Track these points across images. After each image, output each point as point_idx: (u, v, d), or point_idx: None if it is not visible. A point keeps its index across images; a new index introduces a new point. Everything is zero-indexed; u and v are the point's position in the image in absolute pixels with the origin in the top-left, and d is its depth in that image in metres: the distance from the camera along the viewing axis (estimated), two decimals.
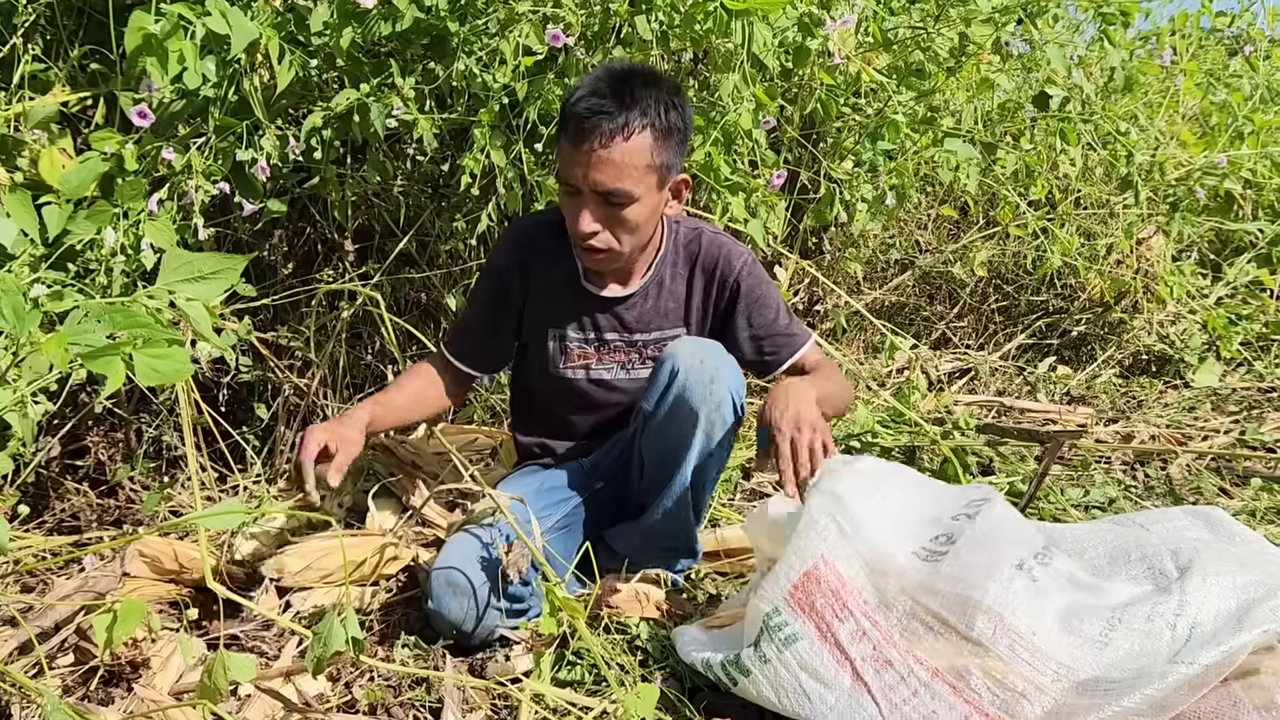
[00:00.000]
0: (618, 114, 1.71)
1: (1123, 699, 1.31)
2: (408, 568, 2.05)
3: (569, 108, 1.75)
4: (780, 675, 1.43)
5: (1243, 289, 3.80)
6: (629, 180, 1.74)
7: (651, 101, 1.74)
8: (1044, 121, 3.19)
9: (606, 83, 1.74)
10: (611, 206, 1.77)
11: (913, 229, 3.71)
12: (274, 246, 2.70)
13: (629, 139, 1.72)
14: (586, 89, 1.75)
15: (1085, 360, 3.73)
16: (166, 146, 2.08)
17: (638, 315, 1.97)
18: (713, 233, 2.00)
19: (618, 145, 1.72)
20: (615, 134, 1.71)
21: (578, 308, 1.97)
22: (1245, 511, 2.44)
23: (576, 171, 1.75)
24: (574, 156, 1.74)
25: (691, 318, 2.00)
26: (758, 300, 1.97)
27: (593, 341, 1.99)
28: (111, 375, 1.08)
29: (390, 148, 2.54)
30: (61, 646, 1.66)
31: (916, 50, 2.88)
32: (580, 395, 2.02)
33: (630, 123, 1.72)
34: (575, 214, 1.79)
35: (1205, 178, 3.55)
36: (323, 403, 2.67)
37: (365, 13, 2.14)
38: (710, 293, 1.98)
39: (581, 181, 1.75)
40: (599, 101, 1.72)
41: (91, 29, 2.18)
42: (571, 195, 1.79)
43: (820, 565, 1.45)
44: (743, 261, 1.96)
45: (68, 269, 1.99)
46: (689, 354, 1.80)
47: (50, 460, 2.36)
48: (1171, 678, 1.31)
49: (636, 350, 2.00)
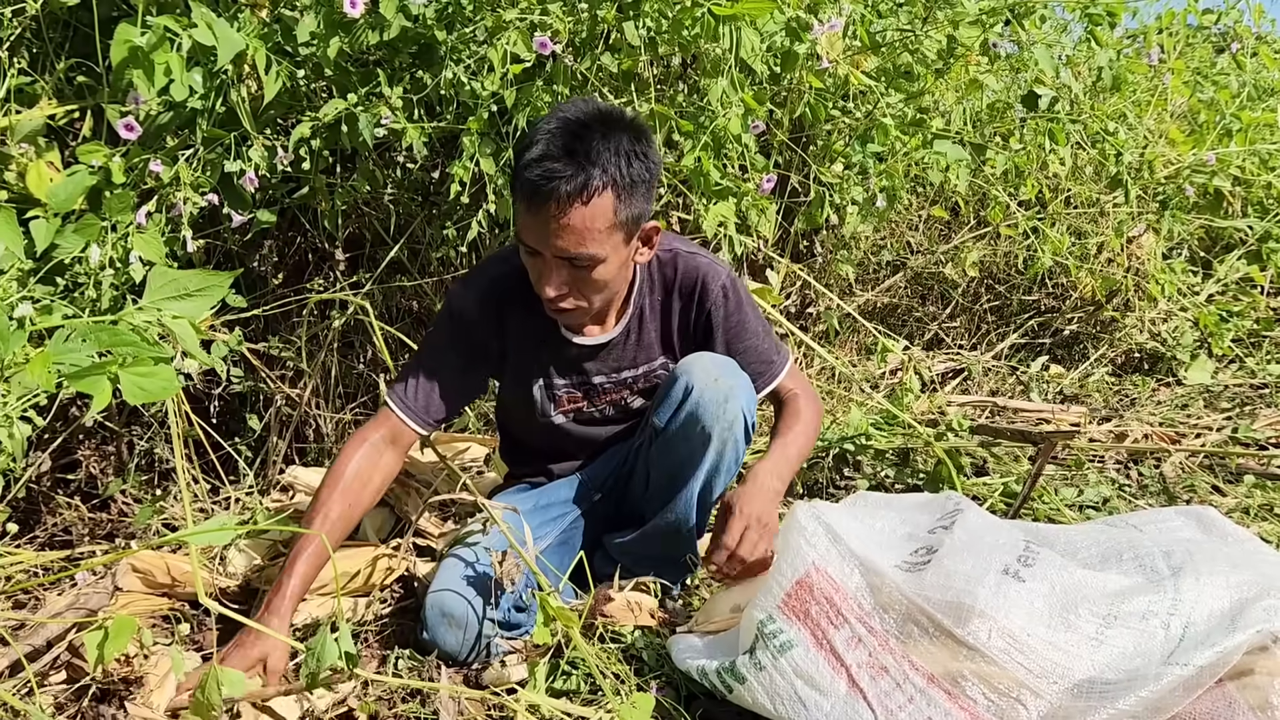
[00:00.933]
0: (574, 176, 1.57)
1: (1118, 701, 1.31)
2: (402, 578, 2.04)
3: (521, 169, 1.60)
4: (776, 682, 1.43)
5: (1233, 286, 3.81)
6: (593, 244, 1.62)
7: (611, 155, 1.60)
8: (1033, 121, 3.20)
9: (560, 139, 1.59)
10: (577, 269, 1.66)
11: (904, 230, 3.71)
12: (264, 257, 2.69)
13: (588, 202, 1.59)
14: (539, 148, 1.59)
15: (1078, 359, 3.73)
16: (154, 159, 2.07)
17: (622, 354, 1.90)
18: (688, 254, 1.88)
19: (577, 210, 1.58)
20: (574, 198, 1.57)
21: (560, 356, 1.89)
22: (1239, 509, 2.45)
23: (534, 238, 1.63)
24: (531, 223, 1.62)
25: (674, 342, 1.92)
26: (736, 325, 1.88)
27: (581, 385, 1.92)
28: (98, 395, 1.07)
29: (380, 156, 2.54)
30: (54, 664, 1.65)
31: (905, 53, 2.88)
32: (574, 434, 1.99)
33: (589, 184, 1.58)
34: (539, 277, 1.68)
35: (1194, 175, 3.56)
36: (315, 413, 2.67)
37: (352, 22, 2.14)
38: (688, 315, 1.89)
39: (543, 248, 1.63)
40: (552, 166, 1.57)
41: (78, 41, 2.18)
42: (532, 255, 1.67)
43: (812, 572, 1.45)
44: (720, 284, 1.85)
45: (56, 283, 1.98)
46: (703, 371, 1.77)
47: (41, 475, 2.35)
48: (1166, 679, 1.31)
49: (627, 387, 1.94)
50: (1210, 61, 4.19)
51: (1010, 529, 1.62)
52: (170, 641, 1.75)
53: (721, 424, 1.76)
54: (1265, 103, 3.93)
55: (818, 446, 2.62)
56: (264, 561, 2.05)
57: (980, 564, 1.46)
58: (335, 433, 2.72)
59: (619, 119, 1.66)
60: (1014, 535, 1.57)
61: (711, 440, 1.77)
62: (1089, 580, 1.48)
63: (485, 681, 1.64)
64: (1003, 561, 1.47)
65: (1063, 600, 1.43)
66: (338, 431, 2.72)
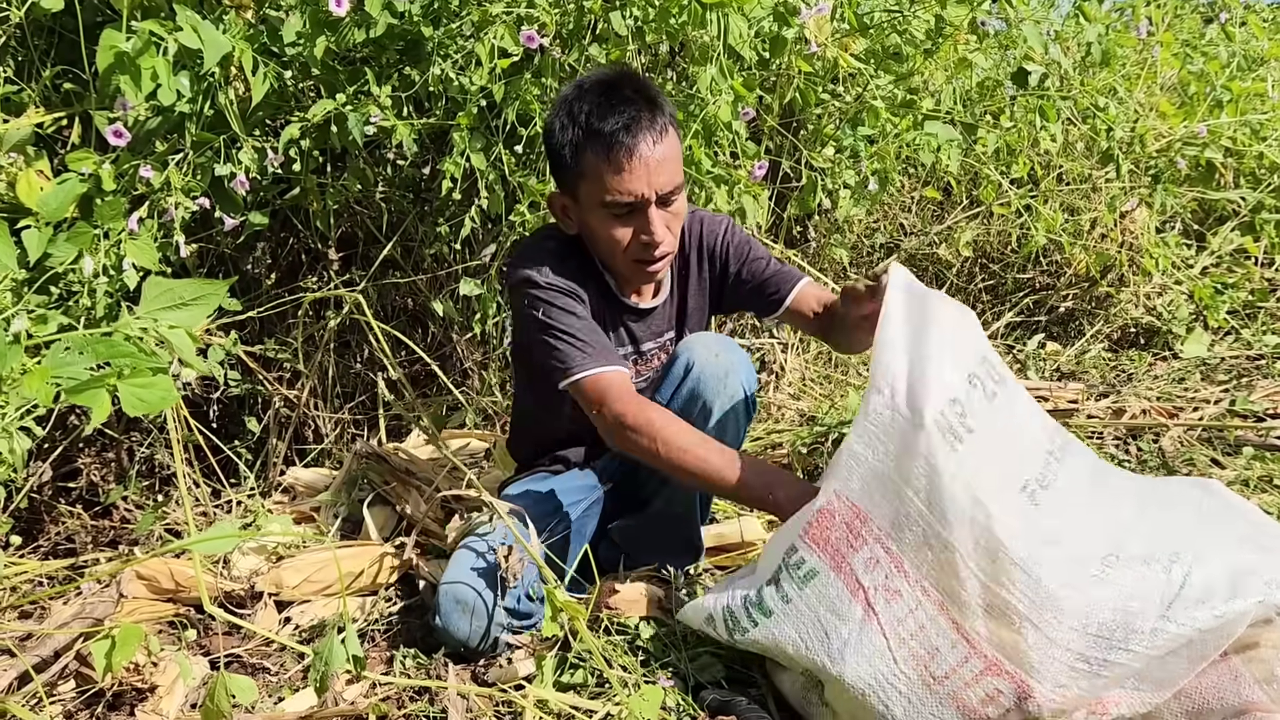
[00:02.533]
0: (653, 115, 1.72)
1: (1116, 650, 1.32)
2: (407, 576, 2.05)
3: (603, 131, 1.69)
4: (801, 613, 1.45)
5: (1227, 257, 3.81)
6: (679, 172, 1.77)
7: (653, 94, 1.76)
8: (1023, 99, 3.19)
9: (623, 91, 1.73)
10: (668, 206, 1.77)
11: (897, 212, 3.70)
12: (257, 259, 2.69)
13: (667, 132, 1.74)
14: (609, 107, 1.70)
15: (1074, 336, 3.73)
16: (144, 164, 2.07)
17: (667, 315, 1.98)
18: (688, 213, 1.95)
19: (666, 141, 1.72)
20: (661, 133, 1.72)
21: (617, 323, 1.93)
22: (1238, 481, 2.45)
23: (638, 185, 1.70)
24: (632, 171, 1.70)
25: (689, 302, 1.98)
26: (747, 255, 1.97)
27: (631, 355, 1.96)
28: (97, 408, 1.07)
29: (370, 154, 2.53)
30: (62, 673, 1.65)
31: (893, 34, 2.87)
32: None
33: (661, 118, 1.73)
34: (645, 229, 1.74)
35: (1186, 148, 3.55)
36: (313, 413, 2.67)
37: (338, 21, 2.13)
38: (702, 266, 1.98)
39: (647, 191, 1.71)
40: (633, 111, 1.70)
41: (63, 48, 2.17)
42: (626, 215, 1.74)
43: (833, 500, 1.45)
44: (723, 227, 1.98)
45: (50, 293, 1.98)
46: (704, 348, 1.80)
47: (42, 484, 2.35)
48: (1164, 636, 1.32)
49: (665, 351, 1.99)
50: (1199, 32, 4.18)
51: (1039, 427, 1.56)
52: (177, 647, 1.76)
53: (722, 399, 1.78)
54: (1255, 72, 3.91)
55: (816, 431, 2.63)
56: (268, 564, 2.06)
57: (1004, 475, 1.44)
58: (334, 433, 2.72)
59: (635, 72, 1.89)
60: (1039, 440, 1.53)
61: (713, 416, 1.78)
62: (1099, 513, 1.49)
63: (492, 679, 1.65)
64: (1023, 477, 1.46)
65: (1071, 532, 1.44)
66: (337, 432, 2.72)
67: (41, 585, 2.08)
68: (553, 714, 1.47)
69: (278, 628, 1.90)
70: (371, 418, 2.76)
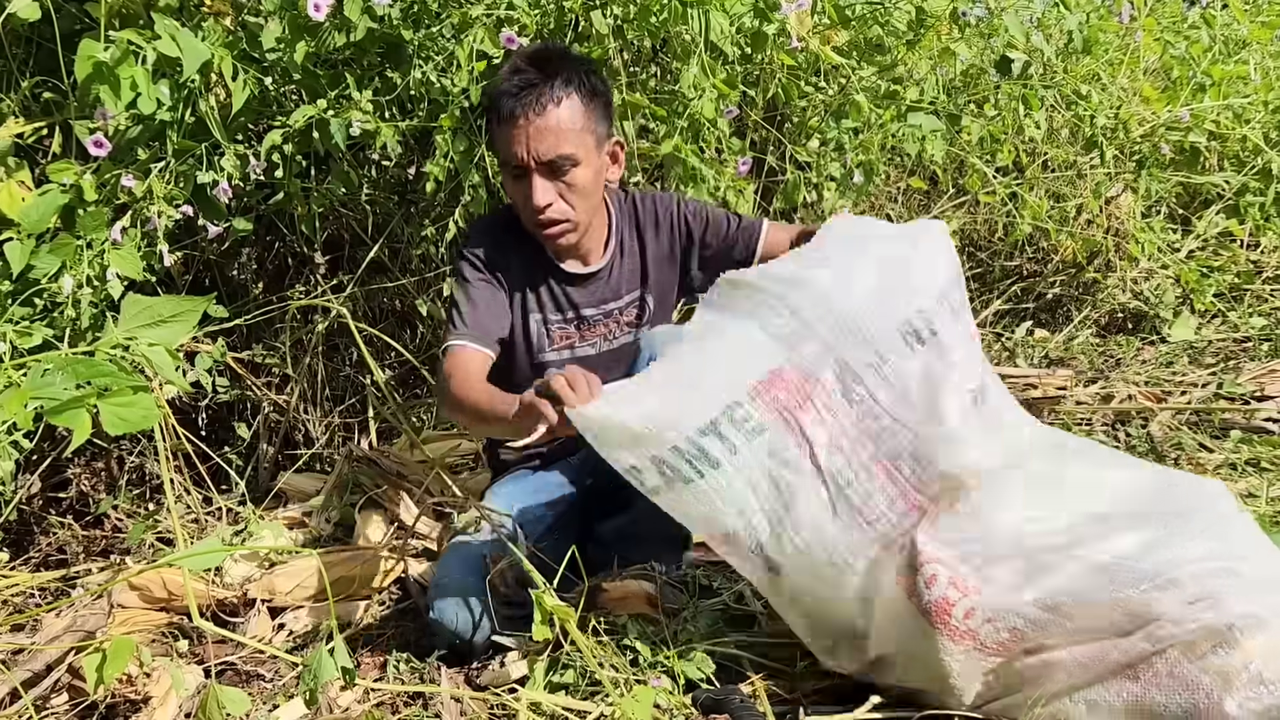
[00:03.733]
0: (544, 84, 1.79)
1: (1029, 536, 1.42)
2: (399, 580, 2.05)
3: (496, 93, 1.82)
4: (750, 466, 1.47)
5: (1213, 241, 3.82)
6: (569, 144, 1.81)
7: (571, 70, 1.83)
8: (1007, 87, 3.19)
9: (525, 60, 1.83)
10: (558, 175, 1.83)
11: (883, 203, 3.70)
12: (243, 265, 2.68)
13: (559, 104, 1.79)
14: (507, 71, 1.83)
15: (1062, 322, 3.74)
16: (126, 174, 2.06)
17: (607, 285, 2.02)
18: (640, 194, 2.09)
19: (551, 112, 1.79)
20: (547, 102, 1.78)
21: (553, 289, 2.00)
22: (1225, 464, 2.47)
23: (517, 150, 1.80)
24: (512, 134, 1.80)
25: (649, 273, 2.05)
26: (708, 221, 2.05)
27: (572, 321, 2.02)
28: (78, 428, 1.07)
29: (354, 156, 2.52)
30: (55, 687, 1.65)
31: (875, 25, 2.87)
32: None
33: (556, 89, 1.79)
34: (527, 193, 1.84)
35: (1169, 133, 3.56)
36: (303, 418, 2.67)
37: (317, 26, 2.12)
38: (662, 240, 2.05)
39: (526, 155, 1.80)
40: (524, 76, 1.79)
41: (42, 58, 2.16)
42: (518, 177, 1.84)
43: (785, 369, 1.51)
44: (676, 200, 2.06)
45: (34, 304, 1.97)
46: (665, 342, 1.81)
47: (31, 496, 2.35)
48: (1079, 555, 1.37)
49: (613, 319, 2.04)
50: (1181, 17, 4.18)
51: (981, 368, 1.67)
52: (170, 657, 1.76)
53: None
54: (1237, 56, 3.92)
55: None
56: (261, 571, 2.06)
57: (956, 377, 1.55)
58: (325, 437, 2.72)
59: (565, 50, 1.94)
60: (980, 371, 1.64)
61: None
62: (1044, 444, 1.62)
63: (485, 682, 1.65)
64: (970, 385, 1.56)
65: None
66: (327, 435, 2.72)
67: (33, 597, 2.08)
68: (546, 716, 1.48)
69: (271, 634, 1.90)
70: (362, 421, 2.76)
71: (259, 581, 1.99)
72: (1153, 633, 1.31)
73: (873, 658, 1.52)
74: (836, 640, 1.56)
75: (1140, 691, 1.31)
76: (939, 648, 1.38)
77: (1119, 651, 1.32)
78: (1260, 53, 3.98)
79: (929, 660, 1.41)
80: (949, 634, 1.37)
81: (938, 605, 1.37)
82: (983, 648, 1.37)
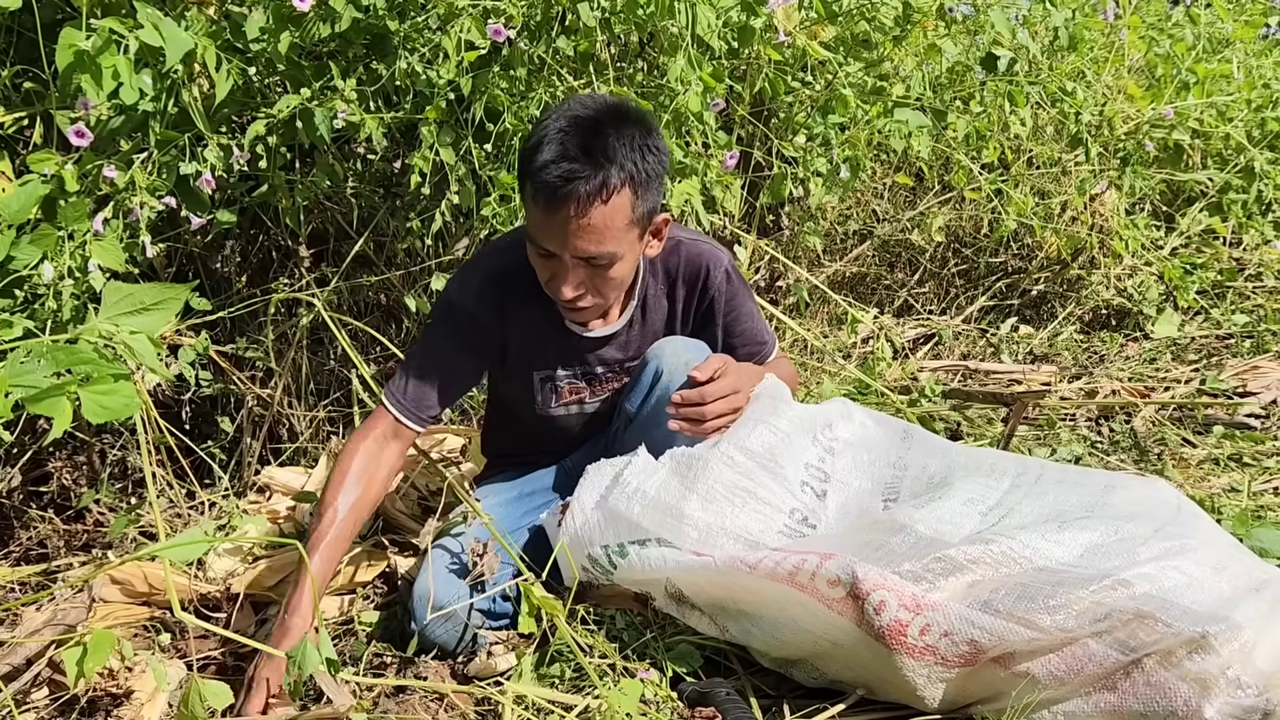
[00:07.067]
0: (593, 176, 1.56)
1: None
2: (384, 574, 2.04)
3: (535, 172, 1.58)
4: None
5: (1196, 238, 3.85)
6: (612, 243, 1.62)
7: (626, 150, 1.59)
8: (993, 84, 3.20)
9: (575, 138, 1.57)
10: (595, 269, 1.65)
11: (869, 199, 3.71)
12: (227, 257, 2.66)
13: (608, 201, 1.58)
14: (554, 148, 1.57)
15: (1046, 318, 3.76)
16: (108, 164, 2.04)
17: (626, 343, 1.90)
18: (690, 241, 1.89)
19: (597, 210, 1.57)
20: (594, 198, 1.56)
21: (563, 346, 1.88)
22: (1209, 459, 2.48)
23: (551, 243, 1.62)
24: (549, 225, 1.60)
25: (675, 329, 1.93)
26: (735, 310, 1.92)
27: (583, 377, 1.91)
28: (58, 416, 1.06)
29: (339, 149, 2.51)
30: (35, 681, 1.64)
31: (861, 21, 2.88)
32: (572, 427, 1.98)
33: (608, 183, 1.57)
34: (554, 278, 1.67)
35: (1153, 130, 3.58)
36: (287, 412, 2.65)
37: (302, 16, 2.10)
38: (691, 302, 1.90)
39: (560, 250, 1.62)
40: (570, 167, 1.55)
41: (22, 47, 2.13)
42: (548, 257, 1.66)
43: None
44: (723, 270, 1.88)
45: (15, 296, 1.95)
46: (673, 354, 1.78)
47: (12, 489, 2.32)
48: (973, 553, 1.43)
49: (628, 373, 1.92)
50: (1165, 15, 4.20)
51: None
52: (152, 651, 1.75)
53: None
54: (1220, 54, 3.95)
55: None
56: (244, 565, 2.04)
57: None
58: (309, 431, 2.70)
59: (628, 112, 1.65)
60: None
61: None
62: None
63: (471, 674, 1.65)
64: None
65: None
66: (312, 429, 2.70)
67: (13, 591, 2.06)
68: (532, 709, 1.47)
69: (253, 629, 1.89)
70: (346, 415, 2.75)
71: (242, 576, 1.98)
72: (1123, 641, 1.32)
73: (833, 676, 1.53)
74: (794, 661, 1.58)
75: (1118, 701, 1.32)
76: (900, 665, 1.40)
77: (1094, 664, 1.33)
78: (1243, 51, 4.01)
79: (894, 678, 1.42)
80: (908, 652, 1.39)
81: (891, 629, 1.39)
82: (945, 661, 1.38)
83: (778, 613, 1.52)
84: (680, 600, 1.64)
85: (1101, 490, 1.60)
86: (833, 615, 1.44)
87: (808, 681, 1.56)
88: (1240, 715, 1.26)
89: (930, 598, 1.40)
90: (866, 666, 1.47)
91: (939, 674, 1.39)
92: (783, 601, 1.49)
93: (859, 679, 1.50)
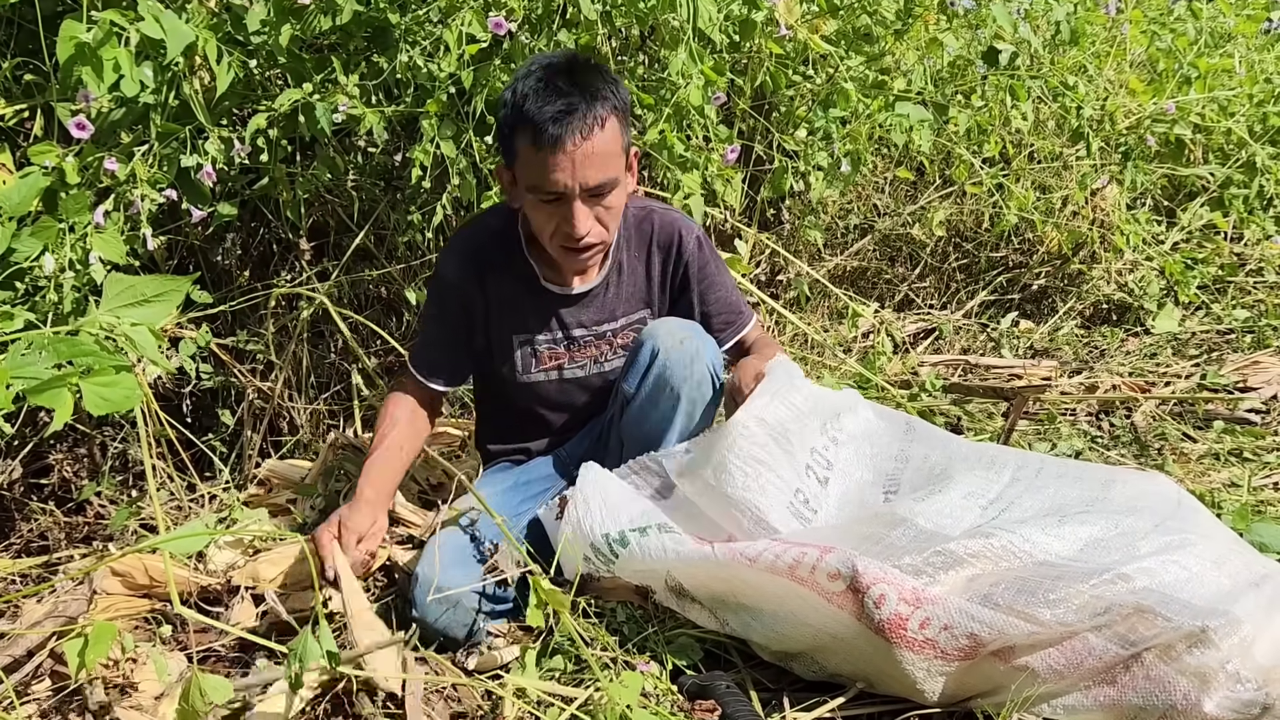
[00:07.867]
0: (589, 105, 1.69)
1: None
2: (385, 566, 2.04)
3: (533, 116, 1.69)
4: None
5: (1197, 233, 3.84)
6: (612, 168, 1.74)
7: (603, 84, 1.74)
8: (994, 78, 3.20)
9: (562, 78, 1.71)
10: (598, 199, 1.75)
11: (870, 193, 3.71)
12: (228, 250, 2.66)
13: (604, 126, 1.71)
14: (543, 92, 1.69)
15: (1047, 313, 3.76)
16: (109, 156, 2.04)
17: (602, 305, 1.96)
18: (663, 210, 2.00)
19: (598, 135, 1.70)
20: (593, 125, 1.69)
21: (541, 309, 1.95)
22: (1209, 454, 2.48)
23: (560, 177, 1.70)
24: (555, 162, 1.69)
25: (653, 297, 2.00)
26: (710, 278, 1.99)
27: (562, 341, 1.97)
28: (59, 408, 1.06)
29: (340, 142, 2.51)
30: (36, 672, 1.64)
31: (863, 15, 2.87)
32: (553, 397, 2.01)
33: (603, 109, 1.70)
34: (568, 219, 1.75)
35: (1155, 125, 3.57)
36: (288, 405, 2.65)
37: (303, 8, 2.10)
38: (667, 269, 1.98)
39: (571, 183, 1.71)
40: (568, 100, 1.68)
41: (22, 39, 2.13)
42: (553, 202, 1.75)
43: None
44: (695, 237, 1.97)
45: (16, 288, 1.95)
46: (668, 334, 1.82)
47: (12, 482, 2.32)
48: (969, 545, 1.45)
49: (605, 341, 1.98)
50: (1167, 9, 4.19)
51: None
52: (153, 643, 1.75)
53: (690, 384, 1.80)
54: (1222, 49, 3.94)
55: None
56: (244, 558, 2.04)
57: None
58: (309, 424, 2.70)
59: (589, 58, 1.88)
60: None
61: (681, 401, 1.81)
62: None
63: (473, 666, 1.65)
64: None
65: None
66: (312, 423, 2.70)
67: (14, 584, 2.06)
68: (533, 702, 1.48)
69: (255, 621, 1.89)
70: (347, 408, 2.75)
71: (242, 568, 1.98)
72: (1123, 636, 1.32)
73: (832, 670, 1.53)
74: (794, 654, 1.58)
75: (1117, 695, 1.32)
76: (900, 659, 1.40)
77: (1094, 658, 1.33)
78: (1245, 46, 4.00)
79: (894, 672, 1.42)
80: (907, 646, 1.39)
81: (890, 623, 1.39)
82: (944, 655, 1.38)
83: (778, 606, 1.52)
84: (680, 593, 1.64)
85: (1101, 485, 1.61)
86: (832, 609, 1.44)
87: (807, 675, 1.56)
88: (1239, 709, 1.27)
89: (930, 591, 1.40)
90: (866, 660, 1.47)
91: (939, 668, 1.39)
92: (783, 595, 1.50)
93: (859, 672, 1.50)
